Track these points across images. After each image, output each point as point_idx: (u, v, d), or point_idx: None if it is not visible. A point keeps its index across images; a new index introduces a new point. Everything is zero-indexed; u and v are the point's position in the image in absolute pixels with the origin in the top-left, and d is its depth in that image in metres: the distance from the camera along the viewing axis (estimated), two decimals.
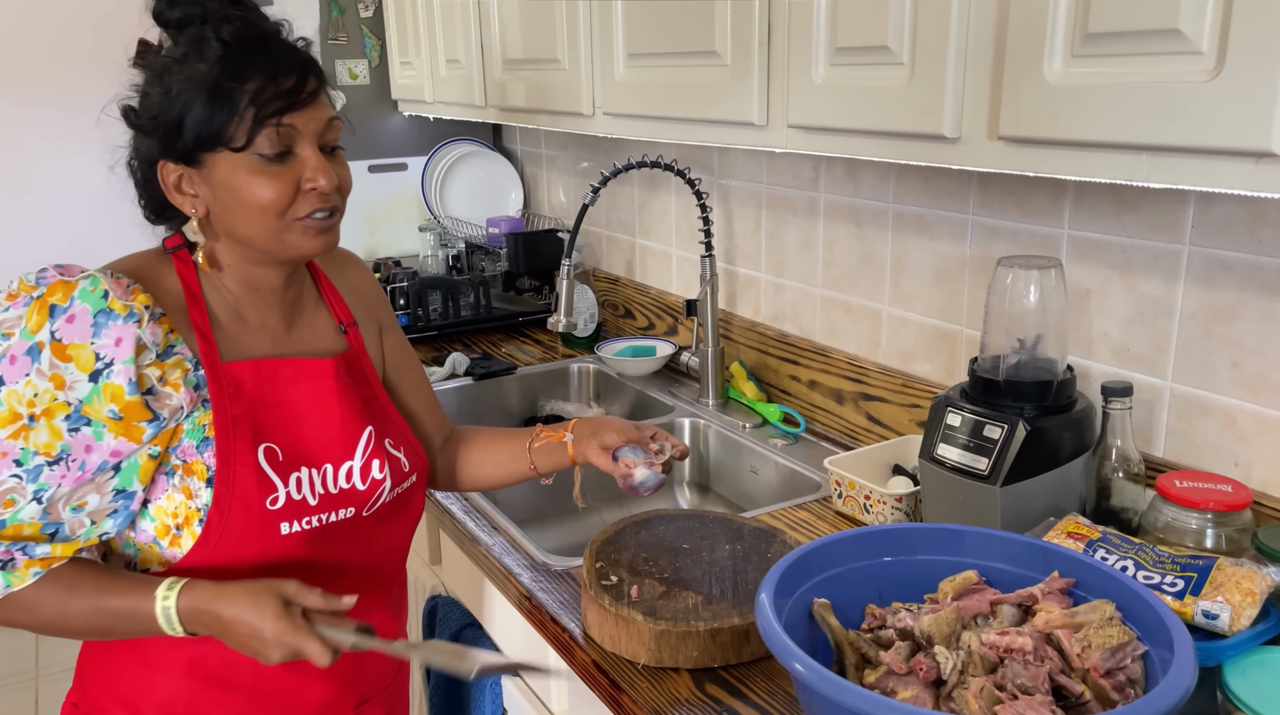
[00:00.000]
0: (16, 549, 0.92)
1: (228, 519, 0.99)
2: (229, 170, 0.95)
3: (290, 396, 1.05)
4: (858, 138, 1.15)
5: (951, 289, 1.48)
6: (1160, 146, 0.83)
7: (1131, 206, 1.21)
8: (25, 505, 0.91)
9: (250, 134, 0.94)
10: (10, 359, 0.91)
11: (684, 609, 1.10)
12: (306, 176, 0.97)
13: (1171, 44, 0.80)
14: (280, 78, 0.95)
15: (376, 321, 1.21)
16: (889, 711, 0.80)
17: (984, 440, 1.19)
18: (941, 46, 1.01)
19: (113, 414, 0.92)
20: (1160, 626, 0.88)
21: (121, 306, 0.93)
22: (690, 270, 2.08)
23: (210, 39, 0.94)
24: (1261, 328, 1.11)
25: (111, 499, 0.96)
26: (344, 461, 1.07)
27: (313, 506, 1.04)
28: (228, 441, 0.99)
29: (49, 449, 0.91)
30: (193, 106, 0.93)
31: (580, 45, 1.66)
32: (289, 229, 0.99)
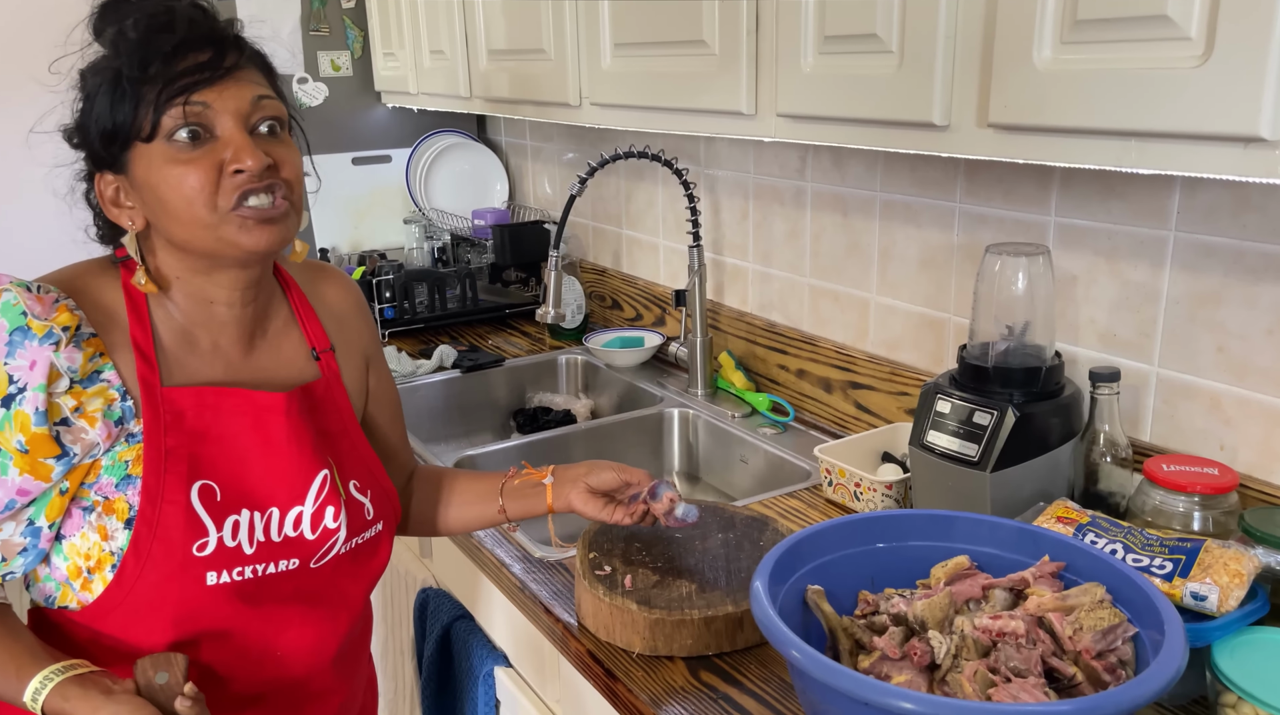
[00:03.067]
0: None
1: (145, 564, 0.90)
2: (146, 165, 0.88)
3: (234, 430, 0.95)
4: (847, 126, 1.15)
5: (939, 277, 1.49)
6: (1149, 132, 0.84)
7: (1118, 193, 1.22)
8: None
9: (155, 119, 0.86)
10: None
11: (678, 597, 1.11)
12: (228, 157, 0.87)
13: (1160, 30, 0.81)
14: (184, 54, 0.87)
15: (362, 351, 1.12)
16: (885, 695, 0.80)
17: (974, 427, 1.20)
18: (930, 34, 1.01)
19: (20, 446, 0.85)
20: (1150, 608, 0.89)
21: (39, 326, 0.85)
22: (677, 261, 2.08)
23: (125, 34, 0.88)
24: (1245, 312, 1.12)
25: (23, 532, 0.88)
26: (292, 506, 0.96)
27: (248, 555, 0.94)
28: (156, 477, 0.90)
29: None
30: (98, 103, 0.88)
31: (566, 35, 1.65)
32: (224, 223, 0.89)
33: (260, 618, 0.96)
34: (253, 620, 0.96)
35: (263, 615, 0.96)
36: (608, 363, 2.07)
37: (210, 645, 0.95)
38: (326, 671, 1.04)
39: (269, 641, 0.98)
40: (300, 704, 1.04)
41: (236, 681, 0.98)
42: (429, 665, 1.59)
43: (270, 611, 0.97)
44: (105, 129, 0.88)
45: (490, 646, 1.47)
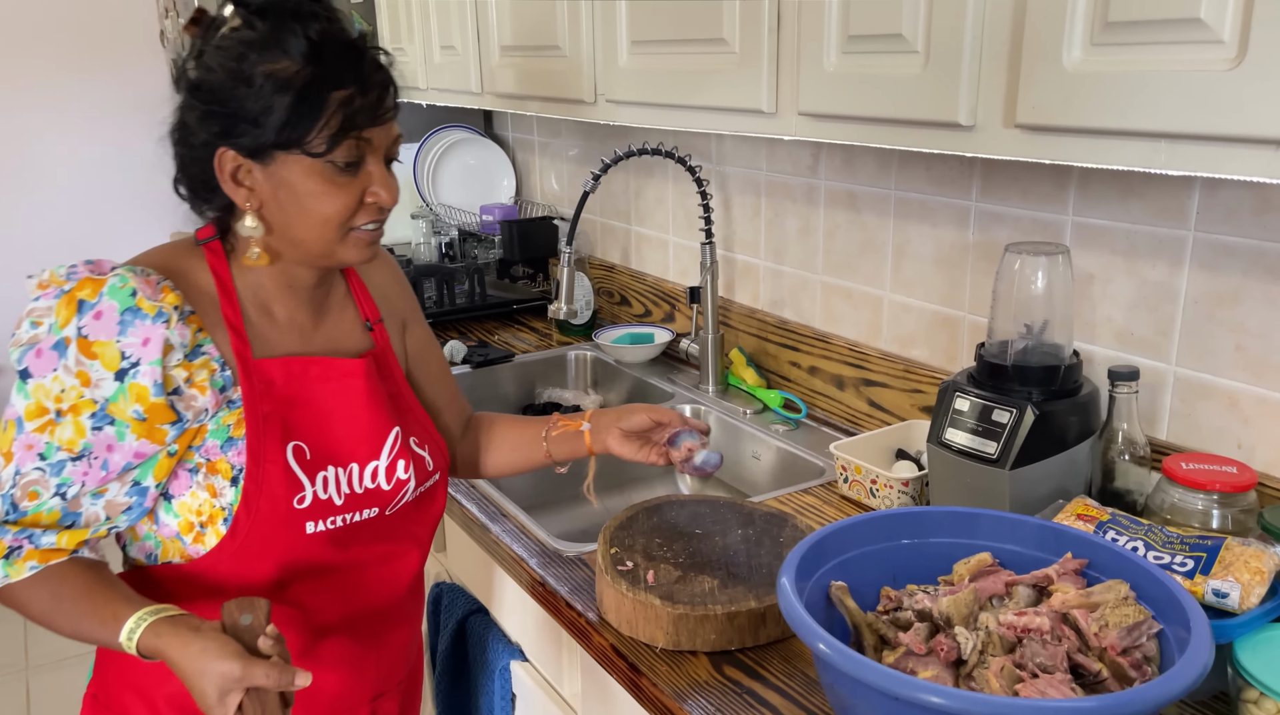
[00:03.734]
0: (24, 536, 0.91)
1: (255, 517, 0.99)
2: (300, 173, 0.94)
3: (319, 395, 1.04)
4: (870, 125, 1.16)
5: (954, 275, 1.50)
6: (1180, 134, 0.84)
7: (1136, 193, 1.23)
8: (48, 499, 0.92)
9: (331, 143, 0.93)
10: (37, 352, 0.91)
11: (700, 593, 1.11)
12: (371, 190, 0.98)
13: (1193, 33, 0.82)
14: (369, 90, 0.94)
15: (400, 317, 1.20)
16: (915, 690, 0.81)
17: (992, 424, 1.21)
18: (957, 35, 1.02)
19: (137, 415, 0.92)
20: (1174, 605, 0.90)
21: (150, 306, 0.92)
22: (687, 257, 2.08)
23: (297, 34, 0.91)
24: (1265, 312, 1.13)
25: (128, 492, 0.95)
26: (370, 461, 1.06)
27: (338, 506, 1.04)
28: (258, 439, 0.99)
29: (72, 446, 0.91)
30: (275, 105, 0.91)
31: (582, 32, 1.65)
32: (343, 240, 0.99)
33: (347, 558, 1.06)
34: (341, 560, 1.05)
35: (349, 555, 1.06)
36: (617, 359, 2.07)
37: (306, 584, 1.04)
38: (401, 601, 1.15)
39: (354, 577, 1.08)
40: (380, 631, 1.14)
41: (328, 612, 1.08)
42: (443, 659, 1.59)
43: (355, 552, 1.07)
44: (280, 133, 0.92)
45: (506, 641, 1.48)
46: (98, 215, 3.40)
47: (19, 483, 0.92)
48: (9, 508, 0.92)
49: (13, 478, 0.92)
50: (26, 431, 0.91)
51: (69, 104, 3.25)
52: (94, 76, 3.24)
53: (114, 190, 3.37)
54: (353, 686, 1.12)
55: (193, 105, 0.95)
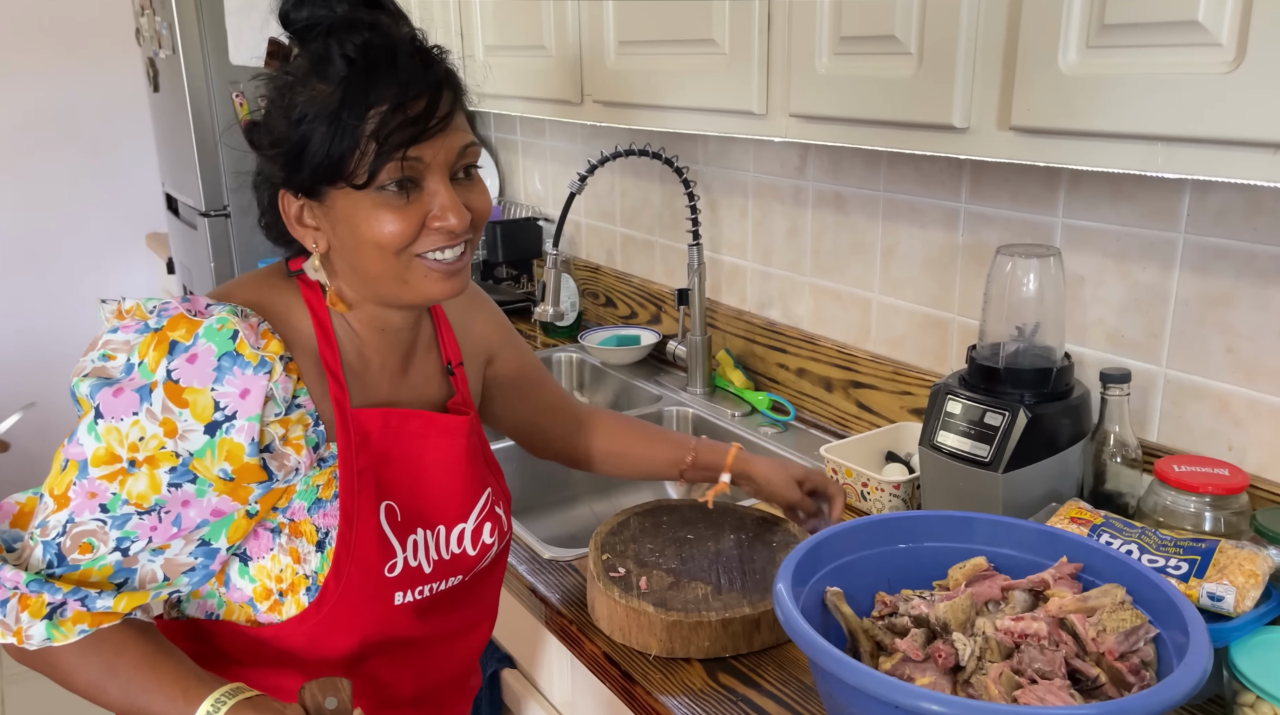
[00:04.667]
0: (74, 598, 0.80)
1: (344, 586, 0.90)
2: (351, 206, 0.85)
3: (415, 451, 0.95)
4: (862, 127, 1.15)
5: (943, 277, 1.49)
6: (1177, 137, 0.84)
7: (1127, 195, 1.23)
8: (106, 554, 0.81)
9: (372, 170, 0.82)
10: (117, 391, 0.81)
11: (694, 599, 1.10)
12: (434, 213, 0.86)
13: (1190, 36, 0.81)
14: (408, 103, 0.82)
15: (485, 351, 1.12)
16: (915, 698, 0.80)
17: (985, 427, 1.21)
18: (951, 37, 1.01)
19: (224, 474, 0.83)
20: (1171, 609, 0.90)
21: (252, 353, 0.83)
22: (674, 258, 2.07)
23: (334, 55, 0.82)
24: (1256, 314, 1.13)
25: (193, 552, 0.85)
26: (457, 524, 0.99)
27: (426, 575, 0.96)
28: (352, 499, 0.90)
29: (143, 500, 0.81)
30: (312, 136, 0.83)
31: (569, 32, 1.64)
32: (411, 270, 0.88)
33: (428, 628, 1.00)
34: (421, 633, 0.99)
35: (430, 626, 1.00)
36: (603, 361, 2.06)
37: (383, 658, 0.97)
38: (468, 674, 1.11)
39: (432, 651, 1.02)
40: (449, 701, 1.10)
41: (402, 687, 1.01)
42: None
43: (436, 622, 1.00)
44: (318, 167, 0.83)
45: (494, 647, 1.46)
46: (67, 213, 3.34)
47: (70, 532, 0.81)
48: (55, 557, 0.81)
49: (63, 526, 0.81)
50: (91, 477, 0.81)
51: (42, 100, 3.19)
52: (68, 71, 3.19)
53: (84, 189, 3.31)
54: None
55: (254, 148, 0.89)
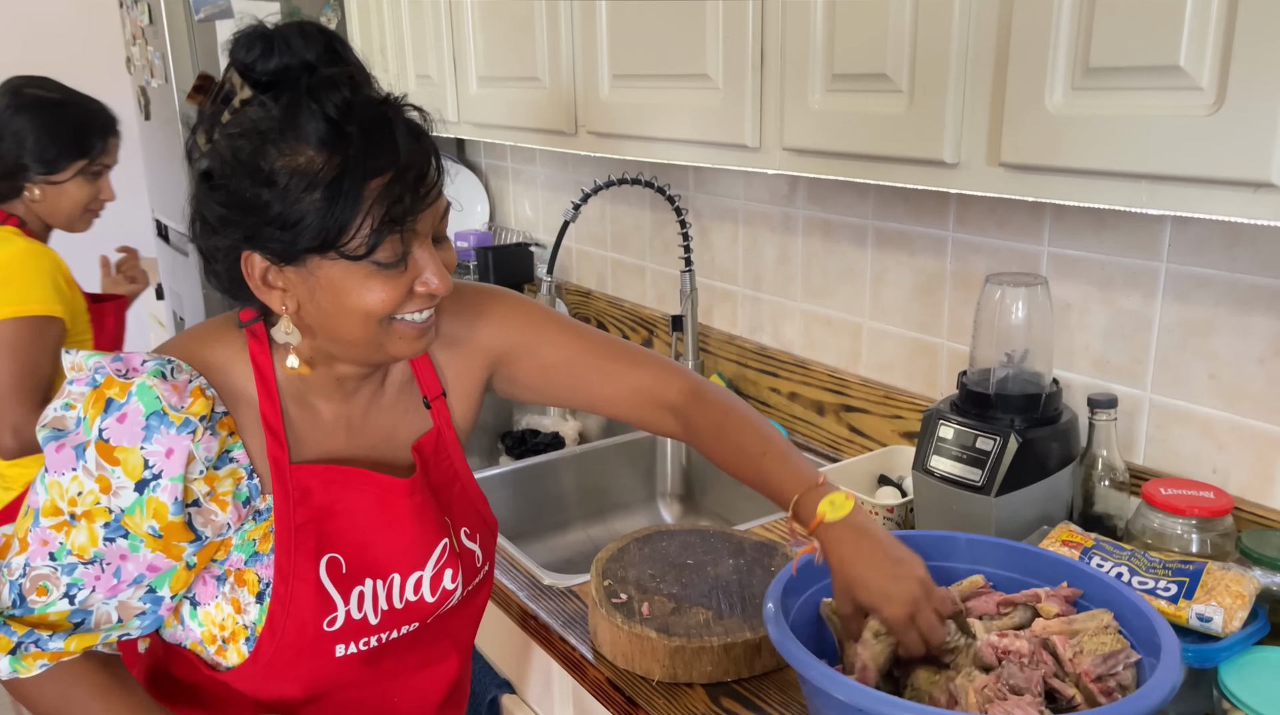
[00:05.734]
0: (29, 639, 0.84)
1: (280, 641, 0.92)
2: (340, 274, 0.83)
3: (360, 505, 0.95)
4: (855, 161, 1.18)
5: (932, 303, 1.53)
6: (1161, 176, 0.87)
7: (1110, 226, 1.27)
8: (57, 599, 0.85)
9: (372, 243, 0.80)
10: (59, 447, 0.83)
11: (696, 625, 1.12)
12: (421, 280, 0.85)
13: (1173, 79, 0.85)
14: (408, 171, 0.80)
15: (487, 363, 1.07)
16: (895, 709, 0.83)
17: (977, 452, 1.24)
18: (941, 75, 1.05)
19: (153, 531, 0.84)
20: (1153, 635, 0.92)
21: (176, 415, 0.83)
22: (664, 283, 2.10)
23: (315, 114, 0.78)
24: (1237, 341, 1.17)
25: (142, 598, 0.88)
26: (412, 571, 0.98)
27: (372, 626, 0.96)
28: (287, 555, 0.91)
29: (83, 552, 0.84)
30: (305, 207, 0.79)
31: (562, 64, 1.67)
32: (389, 333, 0.87)
33: (381, 674, 1.00)
34: (374, 678, 1.00)
35: (383, 671, 1.00)
36: None
37: (335, 698, 0.99)
38: (449, 700, 1.10)
39: (387, 693, 1.02)
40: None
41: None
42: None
43: (389, 667, 1.01)
44: (312, 240, 0.80)
45: (494, 674, 1.47)
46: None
47: (29, 574, 0.85)
48: (17, 598, 0.85)
49: (23, 568, 0.85)
50: (42, 526, 0.85)
51: None
52: None
53: None
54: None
55: (209, 204, 0.84)
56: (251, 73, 0.82)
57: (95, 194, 1.79)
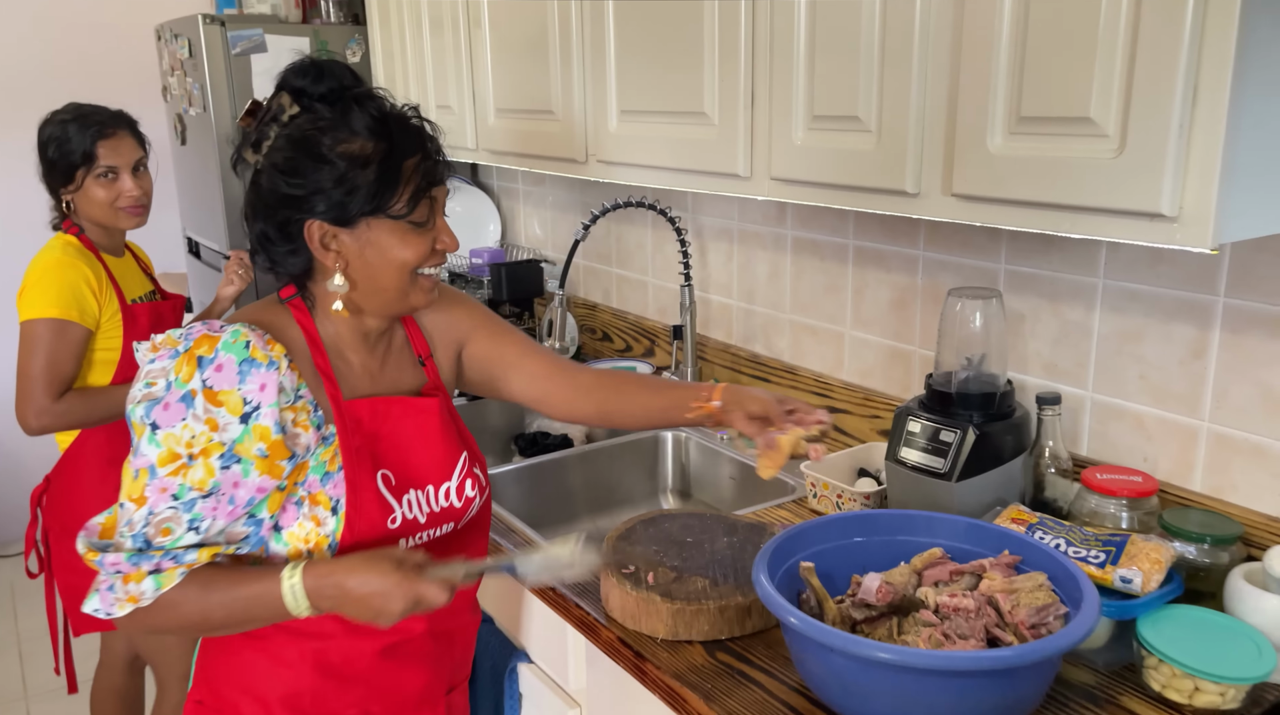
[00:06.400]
0: (166, 558, 1.03)
1: (357, 540, 1.12)
2: (384, 232, 1.09)
3: (399, 429, 1.18)
4: (832, 190, 1.37)
5: (905, 314, 1.71)
6: (1079, 207, 1.05)
7: (1056, 246, 1.45)
8: (183, 534, 1.03)
9: (411, 204, 1.08)
10: (165, 406, 1.02)
11: (694, 591, 1.30)
12: (442, 239, 1.14)
13: (1085, 129, 1.03)
14: (431, 155, 1.11)
15: (455, 342, 1.33)
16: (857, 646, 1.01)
17: (940, 443, 1.41)
18: (903, 120, 1.23)
19: (260, 452, 1.04)
20: (1079, 591, 1.10)
21: (263, 356, 1.05)
22: (665, 297, 2.28)
23: (362, 115, 1.06)
24: (1163, 347, 1.35)
25: (246, 522, 1.08)
26: (443, 482, 1.21)
27: (422, 524, 1.19)
28: (353, 470, 1.12)
29: (202, 485, 1.02)
30: (359, 180, 1.05)
31: (574, 99, 1.85)
32: (414, 284, 1.13)
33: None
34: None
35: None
36: None
37: None
38: (468, 605, 1.33)
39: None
40: (453, 631, 1.30)
41: (417, 619, 1.21)
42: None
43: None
44: (368, 202, 1.06)
45: (512, 646, 1.65)
46: None
47: (152, 521, 1.02)
48: (144, 544, 1.03)
49: (145, 518, 1.02)
50: (160, 476, 1.02)
51: None
52: None
53: None
54: (433, 682, 1.27)
55: (274, 187, 1.07)
56: (304, 94, 1.08)
57: (115, 194, 1.98)
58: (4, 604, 3.39)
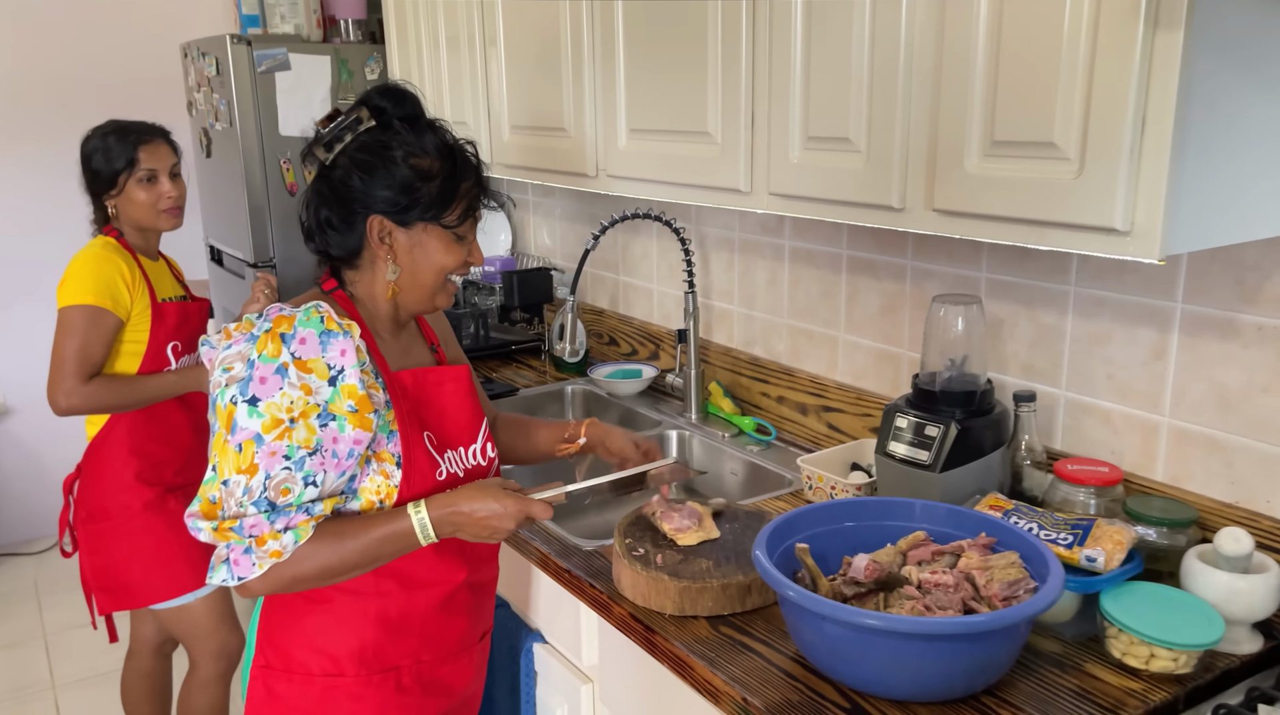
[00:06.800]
0: (300, 512, 1.19)
1: (414, 490, 1.29)
2: (434, 238, 1.29)
3: (436, 396, 1.36)
4: (826, 204, 1.49)
5: (895, 319, 1.83)
6: (1046, 222, 1.18)
7: (1032, 256, 1.57)
8: (301, 490, 1.18)
9: (461, 218, 1.29)
10: (260, 381, 1.17)
11: (699, 570, 1.42)
12: (473, 254, 1.35)
13: (1050, 152, 1.16)
14: (480, 185, 1.32)
15: (445, 343, 1.53)
16: (845, 613, 1.14)
17: (925, 438, 1.54)
18: (889, 142, 1.35)
19: (350, 408, 1.20)
20: (1047, 568, 1.22)
21: (337, 326, 1.22)
22: (670, 303, 2.41)
23: (433, 139, 1.26)
24: (1128, 349, 1.47)
25: (342, 474, 1.22)
26: (471, 444, 1.39)
27: (461, 478, 1.36)
28: (406, 430, 1.28)
29: (307, 443, 1.18)
30: (424, 190, 1.25)
31: (585, 117, 1.98)
32: (442, 286, 1.33)
33: None
34: None
35: None
36: (610, 392, 2.38)
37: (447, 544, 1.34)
38: (495, 559, 1.49)
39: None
40: (486, 582, 1.47)
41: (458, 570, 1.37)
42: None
43: None
44: (428, 208, 1.26)
45: (528, 628, 1.77)
46: None
47: (270, 485, 1.16)
48: (268, 507, 1.17)
49: (263, 483, 1.16)
50: (267, 442, 1.16)
51: None
52: None
53: None
54: (472, 627, 1.44)
55: (348, 181, 1.25)
56: (384, 112, 1.27)
57: (157, 196, 2.12)
58: (29, 599, 3.51)
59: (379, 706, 1.34)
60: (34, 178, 3.55)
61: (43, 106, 3.56)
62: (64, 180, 3.52)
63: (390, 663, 1.34)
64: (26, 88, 3.54)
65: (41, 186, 3.56)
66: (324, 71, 2.74)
